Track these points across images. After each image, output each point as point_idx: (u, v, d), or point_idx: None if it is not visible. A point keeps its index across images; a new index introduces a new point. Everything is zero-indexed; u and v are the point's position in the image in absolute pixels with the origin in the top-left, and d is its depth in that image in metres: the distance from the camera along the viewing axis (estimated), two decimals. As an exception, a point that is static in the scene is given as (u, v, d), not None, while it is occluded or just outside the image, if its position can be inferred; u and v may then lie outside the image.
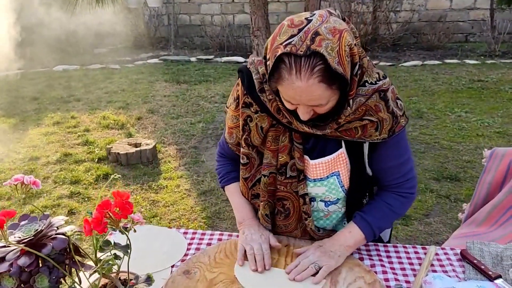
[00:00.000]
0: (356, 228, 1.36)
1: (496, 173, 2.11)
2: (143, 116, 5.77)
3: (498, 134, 4.96)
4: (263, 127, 1.33)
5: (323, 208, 1.43)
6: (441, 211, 3.43)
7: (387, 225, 1.45)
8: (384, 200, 1.41)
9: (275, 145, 1.34)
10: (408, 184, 1.41)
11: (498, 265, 1.35)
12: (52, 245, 0.90)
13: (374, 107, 1.23)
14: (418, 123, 5.39)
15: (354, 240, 1.35)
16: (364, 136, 1.27)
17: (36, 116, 5.93)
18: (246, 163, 1.39)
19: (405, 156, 1.38)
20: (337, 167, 1.34)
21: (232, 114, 1.40)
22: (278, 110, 1.27)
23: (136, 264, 1.32)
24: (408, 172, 1.40)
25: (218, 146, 1.61)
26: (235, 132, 1.42)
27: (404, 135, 1.36)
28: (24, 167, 4.36)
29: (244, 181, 1.42)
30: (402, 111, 1.29)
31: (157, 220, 3.37)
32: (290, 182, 1.36)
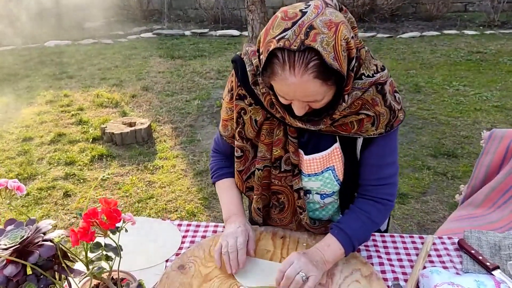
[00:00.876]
0: (335, 241, 1.26)
1: (495, 155, 2.08)
2: (138, 93, 5.69)
3: (496, 108, 4.92)
4: (257, 120, 1.28)
5: (319, 200, 1.40)
6: (438, 188, 3.43)
7: (366, 236, 1.31)
8: (360, 208, 1.32)
9: (270, 138, 1.30)
10: (386, 189, 1.32)
11: (496, 255, 1.34)
12: (39, 252, 0.87)
13: (371, 101, 1.17)
14: (415, 98, 5.33)
15: (333, 255, 1.25)
16: (360, 131, 1.21)
17: (28, 94, 5.85)
18: (240, 156, 1.35)
19: (391, 159, 1.31)
20: (332, 162, 1.30)
21: (227, 106, 1.36)
22: (271, 104, 1.22)
23: (130, 259, 1.32)
24: (389, 176, 1.31)
25: (213, 142, 1.55)
26: (229, 125, 1.37)
27: (396, 136, 1.29)
28: (18, 148, 4.31)
29: (239, 174, 1.39)
30: (400, 105, 1.23)
31: (153, 201, 3.35)
32: (285, 176, 1.33)
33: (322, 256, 1.24)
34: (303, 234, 1.44)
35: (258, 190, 1.37)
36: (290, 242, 1.41)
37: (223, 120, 1.39)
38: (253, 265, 1.30)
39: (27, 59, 7.62)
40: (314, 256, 1.23)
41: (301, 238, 1.42)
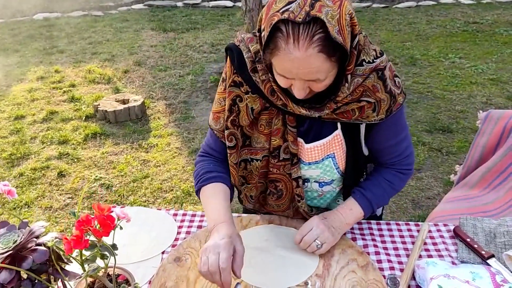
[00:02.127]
0: (357, 206, 1.34)
1: (491, 136, 2.07)
2: (130, 69, 5.60)
3: (491, 81, 4.90)
4: (254, 108, 1.25)
5: (317, 188, 1.40)
6: (432, 165, 3.44)
7: (386, 202, 1.40)
8: (383, 177, 1.37)
9: (268, 128, 1.27)
10: (406, 161, 1.37)
11: (491, 242, 1.35)
12: (32, 258, 0.86)
13: (371, 87, 1.16)
14: (411, 71, 5.29)
15: (354, 218, 1.34)
16: (361, 118, 1.21)
17: (18, 70, 5.74)
18: (234, 146, 1.31)
19: (403, 134, 1.33)
20: (332, 149, 1.29)
21: (219, 96, 1.31)
22: (272, 91, 1.19)
23: (124, 251, 1.31)
24: (405, 149, 1.35)
25: (201, 148, 1.44)
26: (221, 116, 1.32)
27: (402, 112, 1.29)
28: (10, 126, 4.26)
29: (235, 166, 1.34)
30: (400, 89, 1.23)
31: (149, 181, 3.34)
32: (283, 164, 1.32)
33: (343, 219, 1.32)
34: (300, 222, 1.43)
35: (254, 180, 1.36)
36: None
37: (214, 113, 1.34)
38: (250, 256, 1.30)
39: (16, 33, 7.45)
40: (334, 221, 1.31)
41: (297, 227, 1.42)
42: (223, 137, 1.33)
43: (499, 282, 1.10)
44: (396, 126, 1.30)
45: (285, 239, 1.37)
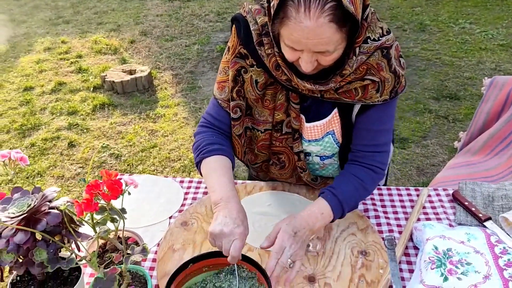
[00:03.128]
0: (328, 209, 1.20)
1: (495, 102, 2.08)
2: (136, 39, 5.59)
3: (501, 47, 4.82)
4: (259, 81, 1.25)
5: (319, 161, 1.42)
6: (438, 132, 3.44)
7: (356, 204, 1.27)
8: (355, 174, 1.27)
9: (273, 103, 1.28)
10: (380, 157, 1.29)
11: (489, 206, 1.38)
12: (46, 220, 0.91)
13: (376, 66, 1.15)
14: (420, 37, 5.22)
15: (323, 223, 1.19)
16: (364, 98, 1.19)
17: (26, 41, 5.74)
18: (239, 117, 1.31)
19: (387, 126, 1.29)
20: (332, 126, 1.29)
21: (224, 65, 1.31)
22: (277, 66, 1.18)
23: (134, 216, 1.37)
24: (384, 144, 1.30)
25: (201, 119, 1.40)
26: (226, 86, 1.31)
27: (395, 104, 1.28)
28: (20, 98, 4.31)
29: (238, 138, 1.35)
30: (404, 70, 1.21)
31: (157, 150, 3.40)
32: (286, 137, 1.33)
33: (311, 227, 1.16)
34: (302, 188, 1.48)
35: (252, 146, 1.38)
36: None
37: (219, 82, 1.33)
38: (253, 221, 1.35)
39: (21, 4, 7.41)
40: (303, 234, 1.13)
41: (300, 193, 1.46)
42: (228, 107, 1.32)
43: (493, 242, 1.14)
44: (385, 113, 1.26)
45: (287, 204, 1.42)
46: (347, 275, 1.17)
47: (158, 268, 1.20)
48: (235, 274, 1.11)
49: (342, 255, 1.23)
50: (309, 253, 1.24)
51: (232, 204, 1.14)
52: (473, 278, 1.04)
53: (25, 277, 1.03)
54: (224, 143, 1.32)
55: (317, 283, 1.15)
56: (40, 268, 0.93)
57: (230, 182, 1.21)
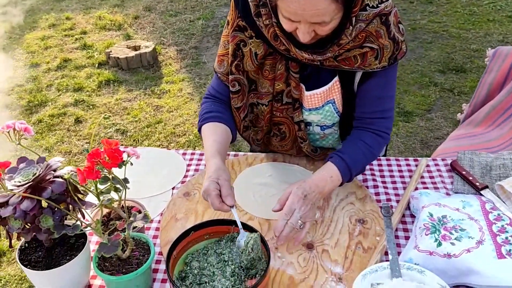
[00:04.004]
0: (337, 173, 1.23)
1: (498, 73, 2.07)
2: (140, 14, 5.55)
3: (509, 18, 4.74)
4: (258, 53, 1.26)
5: (319, 131, 1.44)
6: (443, 105, 3.43)
7: (363, 167, 1.33)
8: (361, 139, 1.31)
9: (272, 73, 1.30)
10: (386, 123, 1.32)
11: (486, 175, 1.40)
12: (51, 188, 0.94)
13: (374, 33, 1.16)
14: (427, 10, 5.14)
15: (332, 187, 1.24)
16: (363, 65, 1.20)
17: (30, 18, 5.74)
18: (238, 91, 1.33)
19: (390, 93, 1.31)
20: (332, 95, 1.31)
21: (224, 39, 1.33)
22: (275, 36, 1.20)
23: (137, 187, 1.40)
24: (389, 109, 1.32)
25: (206, 91, 1.46)
26: (225, 60, 1.34)
27: (395, 70, 1.29)
28: (26, 75, 4.34)
29: (237, 111, 1.37)
30: (403, 36, 1.21)
31: (162, 126, 3.43)
32: (286, 108, 1.35)
33: (321, 190, 1.20)
34: (302, 160, 1.50)
35: (260, 123, 1.40)
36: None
37: (218, 56, 1.36)
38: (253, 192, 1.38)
39: (24, -20, 7.36)
40: (313, 197, 1.18)
41: (300, 164, 1.49)
42: (227, 81, 1.34)
43: (488, 209, 1.16)
44: (388, 80, 1.28)
45: (288, 174, 1.44)
46: (345, 242, 1.20)
47: (161, 236, 1.24)
48: (235, 241, 1.15)
49: (340, 223, 1.26)
50: (308, 221, 1.27)
51: (210, 164, 1.20)
52: (467, 243, 1.07)
53: (33, 244, 1.08)
54: (222, 110, 1.37)
55: (315, 249, 1.18)
56: (47, 234, 0.97)
57: (216, 143, 1.27)
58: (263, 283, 1.01)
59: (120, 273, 1.03)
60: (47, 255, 1.05)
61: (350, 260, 1.15)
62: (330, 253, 1.17)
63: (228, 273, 1.07)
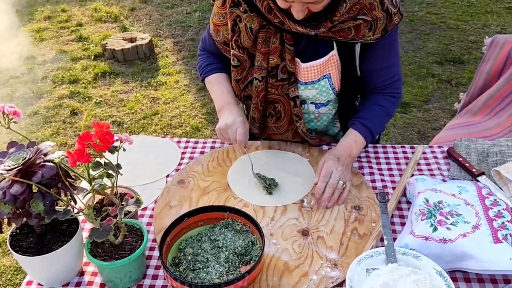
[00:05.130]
0: (360, 137, 1.36)
1: (495, 62, 2.06)
2: (136, 6, 5.51)
3: (507, 10, 4.73)
4: (253, 28, 1.28)
5: (314, 110, 1.44)
6: (441, 96, 3.42)
7: (382, 128, 1.46)
8: (377, 103, 1.40)
9: (266, 47, 1.31)
10: (396, 85, 1.40)
11: (483, 161, 1.39)
12: (41, 172, 0.93)
13: (368, 5, 1.18)
14: (425, 1, 5.11)
15: (358, 149, 1.36)
16: (357, 37, 1.23)
17: (26, 10, 5.69)
18: (237, 66, 1.36)
19: (395, 58, 1.36)
20: (329, 70, 1.32)
21: (218, 11, 1.34)
22: (269, 9, 1.21)
23: (131, 175, 1.39)
24: (396, 74, 1.39)
25: (201, 42, 1.55)
26: (221, 30, 1.36)
27: (396, 35, 1.32)
28: (22, 67, 4.31)
29: (236, 83, 1.41)
30: (396, 8, 1.24)
31: (158, 117, 3.41)
32: (281, 84, 1.35)
33: (350, 153, 1.33)
34: (298, 147, 1.49)
35: (255, 100, 1.40)
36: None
37: (215, 24, 1.38)
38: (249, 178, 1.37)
39: (20, -27, 7.30)
40: (345, 159, 1.31)
41: (295, 151, 1.48)
42: (223, 49, 1.40)
43: (484, 194, 1.15)
44: (390, 48, 1.32)
45: (283, 162, 1.43)
46: (340, 229, 1.19)
47: (155, 223, 1.23)
48: (229, 228, 1.13)
49: (336, 210, 1.25)
50: (303, 208, 1.26)
51: (231, 106, 1.38)
52: (463, 228, 1.06)
53: (24, 230, 1.06)
54: (219, 62, 1.48)
55: (311, 236, 1.17)
56: (37, 219, 0.96)
57: (229, 92, 1.43)
58: (257, 268, 1.00)
59: (113, 259, 1.01)
60: (39, 241, 1.04)
61: (346, 246, 1.14)
62: (326, 239, 1.16)
63: (222, 259, 1.06)
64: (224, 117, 1.35)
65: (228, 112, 1.36)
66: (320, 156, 1.44)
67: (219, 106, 1.41)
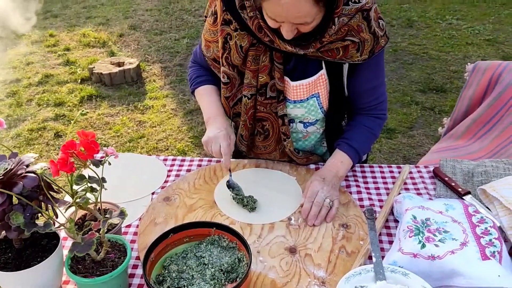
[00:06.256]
0: (346, 157, 1.37)
1: (477, 87, 2.10)
2: (125, 32, 5.56)
3: (487, 42, 4.88)
4: (243, 46, 1.29)
5: (302, 129, 1.45)
6: (425, 123, 3.48)
7: (369, 148, 1.47)
8: (363, 124, 1.42)
9: (255, 65, 1.32)
10: (381, 106, 1.42)
11: (468, 181, 1.40)
12: (22, 183, 0.90)
13: (356, 27, 1.20)
14: (407, 33, 5.26)
15: (345, 169, 1.37)
16: (345, 57, 1.25)
17: (13, 35, 5.69)
18: (227, 83, 1.37)
19: (381, 79, 1.38)
20: (317, 89, 1.33)
21: (210, 28, 1.36)
22: (259, 28, 1.23)
23: (116, 192, 1.36)
24: (382, 94, 1.41)
25: (193, 54, 1.57)
26: (212, 47, 1.38)
27: (382, 57, 1.34)
28: (6, 89, 4.27)
29: (226, 100, 1.42)
30: (383, 31, 1.27)
31: (144, 141, 3.39)
32: (270, 102, 1.36)
33: (336, 173, 1.34)
34: (285, 165, 1.48)
35: (243, 117, 1.40)
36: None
37: (206, 40, 1.39)
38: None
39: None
40: (331, 179, 1.32)
41: (283, 170, 1.47)
42: (212, 65, 1.42)
43: (471, 212, 1.15)
44: (376, 69, 1.34)
45: (270, 180, 1.42)
46: (328, 246, 1.17)
47: (139, 240, 1.20)
48: (215, 244, 1.11)
49: (324, 227, 1.24)
50: (290, 226, 1.24)
51: (217, 119, 1.39)
52: (450, 245, 1.05)
53: (3, 245, 1.02)
54: (210, 74, 1.49)
55: (298, 253, 1.15)
56: (17, 232, 0.92)
57: (217, 103, 1.44)
58: (244, 286, 0.98)
59: (94, 276, 0.98)
60: (17, 257, 1.00)
61: (334, 264, 1.12)
62: (313, 257, 1.14)
63: (208, 276, 1.03)
64: (208, 130, 1.37)
65: (212, 125, 1.38)
66: (307, 175, 1.44)
67: (206, 117, 1.43)
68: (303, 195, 1.30)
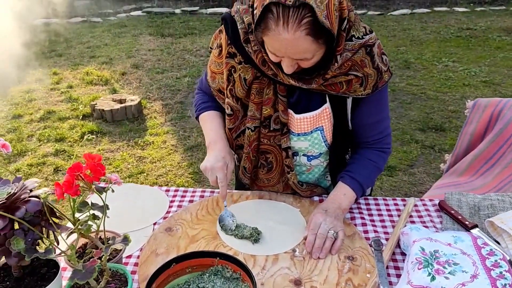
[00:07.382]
0: (349, 190, 1.36)
1: (478, 124, 2.12)
2: (128, 71, 5.65)
3: (484, 83, 4.96)
4: (247, 78, 1.31)
5: (306, 162, 1.44)
6: (425, 161, 3.48)
7: (373, 182, 1.46)
8: (367, 158, 1.41)
9: (259, 97, 1.32)
10: (386, 140, 1.42)
11: (475, 215, 1.38)
12: (25, 207, 0.89)
13: (360, 62, 1.21)
14: (405, 74, 5.35)
15: (349, 202, 1.36)
16: (348, 91, 1.26)
17: (16, 73, 5.77)
18: (231, 114, 1.38)
19: (385, 113, 1.38)
20: (321, 122, 1.34)
21: (215, 60, 1.38)
22: (263, 61, 1.24)
23: (118, 222, 1.33)
24: (386, 128, 1.41)
25: (199, 82, 1.59)
26: (217, 78, 1.39)
27: (386, 91, 1.35)
28: (8, 125, 4.28)
29: (229, 131, 1.42)
30: (386, 66, 1.28)
31: (144, 176, 3.37)
32: (274, 135, 1.36)
33: (339, 205, 1.32)
34: (289, 197, 1.47)
35: (247, 149, 1.40)
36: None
37: (212, 72, 1.41)
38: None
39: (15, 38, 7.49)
40: (334, 210, 1.30)
41: (286, 201, 1.45)
42: (218, 96, 1.43)
43: (480, 244, 1.13)
44: (380, 103, 1.35)
45: (274, 212, 1.40)
46: (334, 279, 1.14)
47: (140, 270, 1.17)
48: (219, 275, 1.08)
49: (329, 259, 1.21)
50: (295, 257, 1.22)
51: (217, 145, 1.38)
52: (461, 277, 1.02)
53: (1, 274, 1.00)
54: (215, 100, 1.49)
55: (303, 286, 1.12)
56: (17, 258, 0.90)
57: (218, 128, 1.44)
58: (248, 318, 0.94)
59: (94, 306, 0.95)
60: (16, 285, 0.97)
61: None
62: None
63: (211, 308, 1.00)
64: (208, 156, 1.37)
65: (212, 151, 1.37)
66: (311, 207, 1.42)
67: (207, 143, 1.43)
68: (306, 228, 1.28)
